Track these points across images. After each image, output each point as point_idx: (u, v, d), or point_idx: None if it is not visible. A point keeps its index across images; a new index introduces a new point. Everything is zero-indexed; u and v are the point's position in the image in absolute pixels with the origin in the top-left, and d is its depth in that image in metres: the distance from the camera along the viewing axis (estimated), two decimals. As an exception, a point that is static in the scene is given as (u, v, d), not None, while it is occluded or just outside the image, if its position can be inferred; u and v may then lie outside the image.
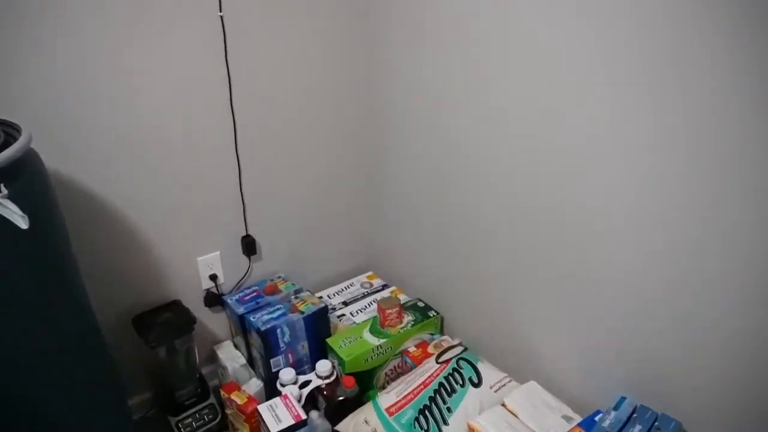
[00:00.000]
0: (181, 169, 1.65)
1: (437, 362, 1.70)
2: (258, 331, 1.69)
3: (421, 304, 1.98)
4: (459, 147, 1.63)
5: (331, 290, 2.09)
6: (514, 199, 1.48)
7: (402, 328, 1.84)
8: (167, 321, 1.67)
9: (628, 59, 1.08)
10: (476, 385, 1.60)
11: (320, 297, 2.04)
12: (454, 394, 1.57)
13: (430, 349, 1.84)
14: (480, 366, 1.66)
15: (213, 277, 1.85)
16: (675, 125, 1.03)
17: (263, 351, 1.72)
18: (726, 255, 1.02)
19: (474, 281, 1.75)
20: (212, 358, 1.93)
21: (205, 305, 1.86)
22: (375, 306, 1.97)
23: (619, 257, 1.26)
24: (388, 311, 1.83)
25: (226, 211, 1.79)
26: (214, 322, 1.91)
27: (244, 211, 1.83)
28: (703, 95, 0.97)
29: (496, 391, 1.59)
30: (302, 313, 1.74)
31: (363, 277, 2.16)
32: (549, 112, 1.27)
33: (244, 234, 1.86)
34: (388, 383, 1.83)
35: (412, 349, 1.84)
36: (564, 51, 1.18)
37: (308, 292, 1.88)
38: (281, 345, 1.73)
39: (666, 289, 1.18)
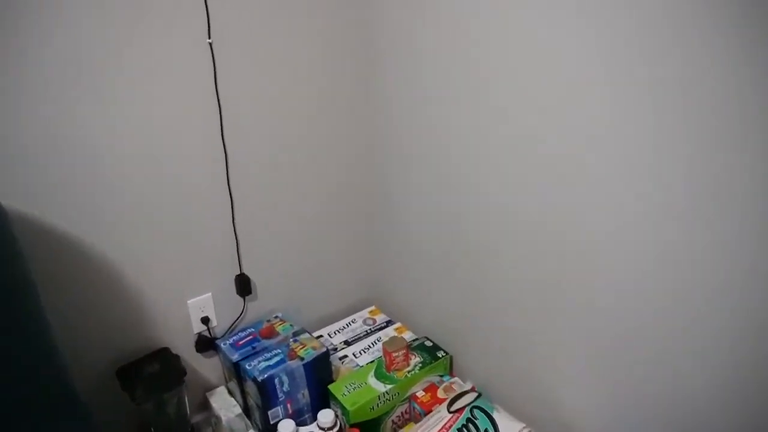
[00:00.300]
0: (169, 206, 1.59)
1: (449, 411, 1.57)
2: (255, 380, 1.60)
3: (428, 343, 1.87)
4: (461, 168, 1.57)
5: (332, 328, 1.99)
6: (520, 218, 1.43)
7: (409, 371, 1.73)
8: (155, 374, 1.58)
9: (628, 59, 1.06)
10: (492, 437, 1.48)
11: (320, 336, 1.94)
12: (469, 448, 1.45)
13: (440, 393, 1.71)
14: (496, 415, 1.55)
15: (205, 320, 1.77)
16: (674, 125, 1.03)
17: (260, 401, 1.62)
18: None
19: (484, 314, 1.66)
20: (204, 405, 1.84)
21: (197, 351, 1.78)
22: (379, 345, 1.87)
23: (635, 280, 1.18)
24: (395, 354, 1.72)
25: (218, 249, 1.72)
26: (206, 367, 1.83)
27: (237, 248, 1.75)
28: (703, 95, 0.97)
29: (514, 444, 1.46)
30: (302, 359, 1.65)
31: (365, 313, 2.06)
32: (564, 128, 1.26)
33: (238, 273, 1.78)
34: (396, 431, 1.70)
35: (420, 393, 1.72)
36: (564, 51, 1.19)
37: (307, 334, 1.78)
38: (280, 395, 1.64)
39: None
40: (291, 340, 1.75)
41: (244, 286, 1.80)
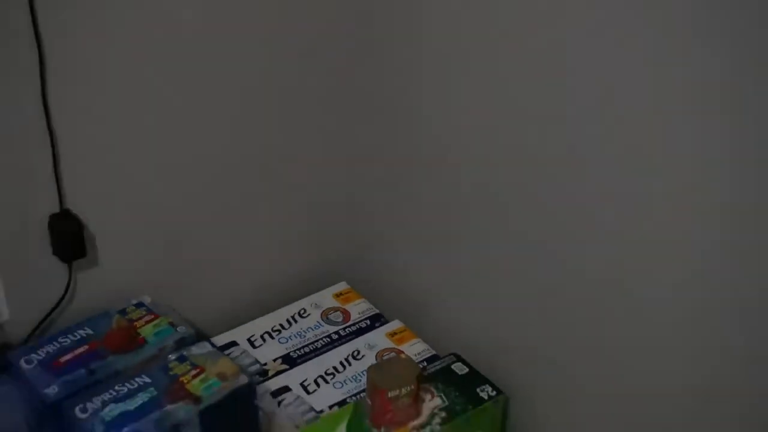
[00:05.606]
0: None
1: None
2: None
3: (460, 368, 1.12)
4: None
5: (257, 328, 1.20)
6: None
7: (422, 427, 1.04)
8: None
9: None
10: None
11: (231, 347, 1.16)
12: None
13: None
14: None
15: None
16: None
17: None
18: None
19: (566, 311, 1.12)
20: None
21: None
22: (358, 370, 1.14)
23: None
24: (391, 394, 1.00)
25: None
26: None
27: (54, 153, 0.99)
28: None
29: None
30: (198, 400, 1.01)
31: (328, 296, 1.27)
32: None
33: (57, 211, 1.05)
34: None
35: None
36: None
37: (207, 345, 1.06)
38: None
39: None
40: (171, 357, 1.05)
41: (69, 239, 1.05)
